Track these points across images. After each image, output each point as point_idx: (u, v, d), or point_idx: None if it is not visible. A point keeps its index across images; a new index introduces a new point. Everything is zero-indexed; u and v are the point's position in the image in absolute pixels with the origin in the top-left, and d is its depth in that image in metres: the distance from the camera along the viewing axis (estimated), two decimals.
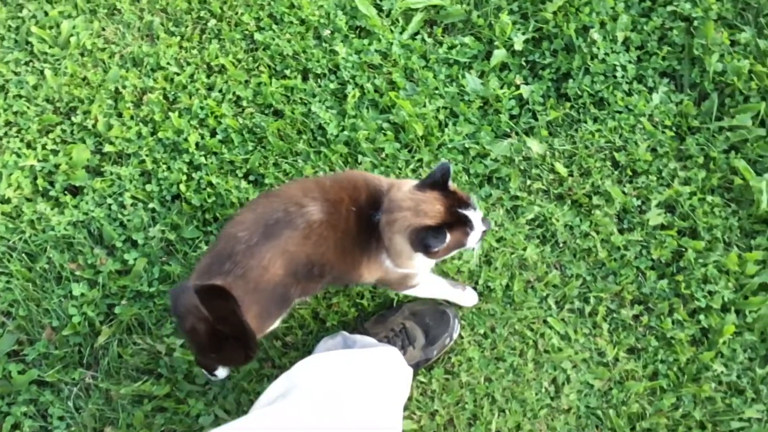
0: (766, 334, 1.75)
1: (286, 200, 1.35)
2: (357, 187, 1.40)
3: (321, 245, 1.34)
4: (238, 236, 1.32)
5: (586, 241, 1.80)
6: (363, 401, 1.30)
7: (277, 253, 1.31)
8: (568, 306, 1.76)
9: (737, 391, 1.73)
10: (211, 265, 1.33)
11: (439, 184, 1.36)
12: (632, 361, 1.73)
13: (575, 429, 1.68)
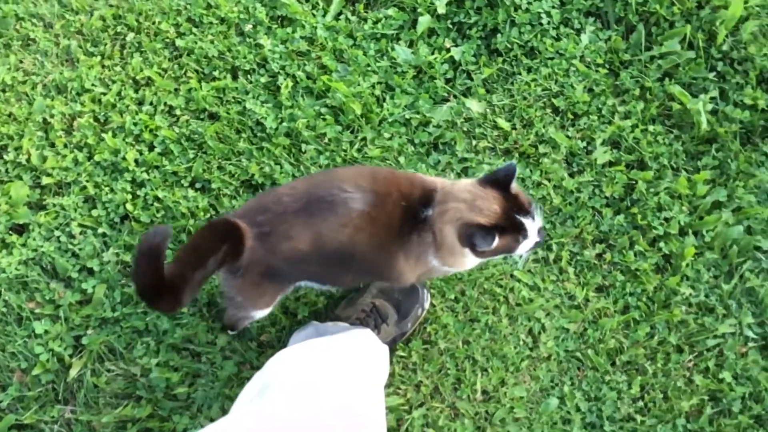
0: (726, 250, 1.78)
1: (337, 183, 1.31)
2: (413, 183, 1.36)
3: (356, 235, 1.30)
4: (283, 199, 1.31)
5: (539, 191, 1.81)
6: (338, 387, 1.29)
7: (308, 229, 1.28)
8: (532, 257, 1.77)
9: (707, 310, 1.76)
10: (250, 210, 1.33)
11: (501, 184, 1.29)
12: (602, 299, 1.75)
13: (558, 374, 1.69)
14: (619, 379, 1.69)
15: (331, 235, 1.30)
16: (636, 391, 1.67)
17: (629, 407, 1.67)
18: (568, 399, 1.66)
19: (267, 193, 1.38)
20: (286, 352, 1.44)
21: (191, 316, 1.65)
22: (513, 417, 1.65)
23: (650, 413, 1.67)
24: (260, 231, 1.29)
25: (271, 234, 1.29)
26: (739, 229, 1.79)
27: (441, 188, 1.34)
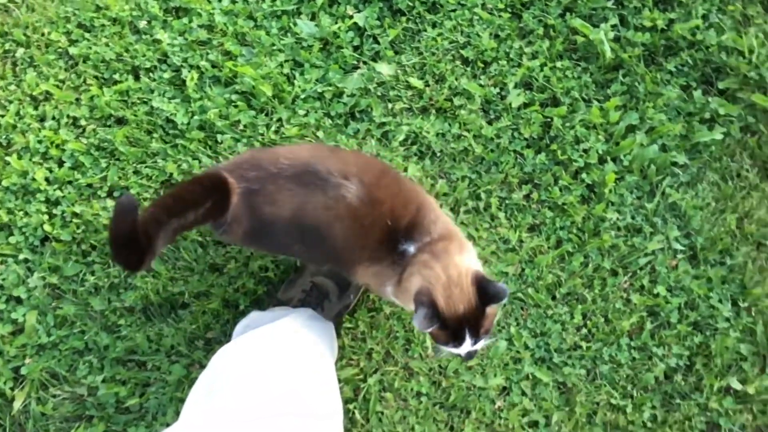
0: (645, 170, 1.67)
1: (340, 166, 1.15)
2: (408, 205, 1.16)
3: (335, 222, 1.14)
4: (280, 161, 1.16)
5: (460, 143, 1.66)
6: (284, 374, 1.16)
7: (294, 198, 1.13)
8: (463, 209, 1.64)
9: (635, 231, 1.65)
10: (243, 163, 1.18)
11: (485, 295, 1.08)
12: (535, 238, 1.63)
13: (503, 318, 1.58)
14: (561, 311, 1.59)
15: (314, 212, 1.14)
16: (579, 320, 1.57)
17: (574, 336, 1.57)
18: (515, 339, 1.56)
19: (263, 150, 1.22)
20: (228, 347, 1.29)
21: (129, 327, 1.46)
22: (465, 366, 1.55)
23: (594, 338, 1.57)
24: (248, 187, 1.14)
25: (258, 193, 1.14)
26: (654, 149, 1.68)
27: (437, 232, 1.15)
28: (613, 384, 1.53)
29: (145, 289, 1.47)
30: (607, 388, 1.52)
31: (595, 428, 1.50)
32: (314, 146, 1.24)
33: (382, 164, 1.23)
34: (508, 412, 1.49)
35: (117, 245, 1.03)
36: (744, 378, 1.55)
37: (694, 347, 1.56)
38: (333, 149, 1.24)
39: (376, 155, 1.61)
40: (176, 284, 1.49)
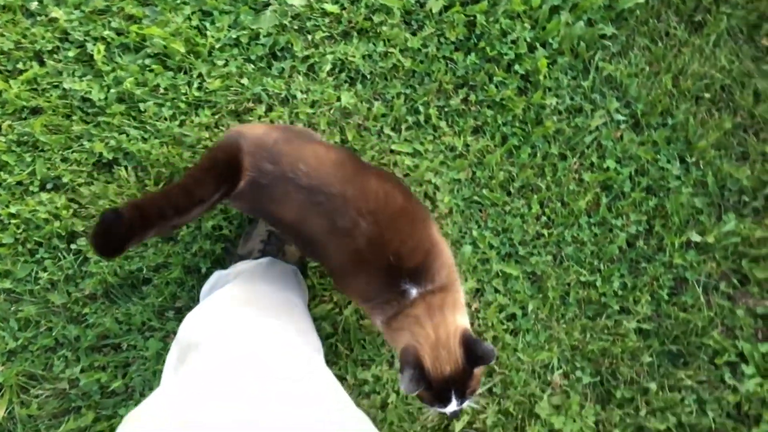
0: (575, 49, 1.52)
1: (355, 195, 0.98)
2: (414, 251, 1.00)
3: (335, 243, 0.99)
4: (299, 166, 0.97)
5: (388, 60, 1.50)
6: (255, 327, 1.06)
7: (299, 208, 0.98)
8: (404, 126, 1.50)
9: (576, 111, 1.52)
10: (265, 148, 0.99)
11: (471, 356, 0.97)
12: (480, 139, 1.51)
13: (463, 223, 1.48)
14: (519, 204, 1.48)
15: (316, 228, 0.99)
16: (536, 210, 1.48)
17: (535, 226, 1.48)
18: (479, 242, 1.46)
19: (291, 141, 1.00)
20: (193, 313, 1.18)
21: (95, 314, 1.33)
22: None
23: (555, 223, 1.48)
24: (257, 179, 0.98)
25: (266, 188, 0.98)
26: (580, 26, 1.53)
27: (439, 282, 1.01)
28: (580, 263, 1.46)
29: (102, 273, 1.34)
30: (574, 267, 1.45)
31: (570, 308, 1.43)
32: (343, 160, 1.01)
33: (403, 198, 1.03)
34: (485, 311, 1.42)
35: (99, 233, 0.88)
36: (702, 229, 1.48)
37: (650, 211, 1.48)
38: (359, 170, 1.02)
39: (400, 179, 1.42)
40: (132, 262, 1.35)
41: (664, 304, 1.43)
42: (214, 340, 0.97)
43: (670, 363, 1.41)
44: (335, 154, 1.02)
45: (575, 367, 1.40)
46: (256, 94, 1.46)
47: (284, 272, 1.25)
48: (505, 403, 1.37)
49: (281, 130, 1.06)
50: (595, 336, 1.41)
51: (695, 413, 1.38)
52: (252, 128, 1.05)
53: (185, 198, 0.93)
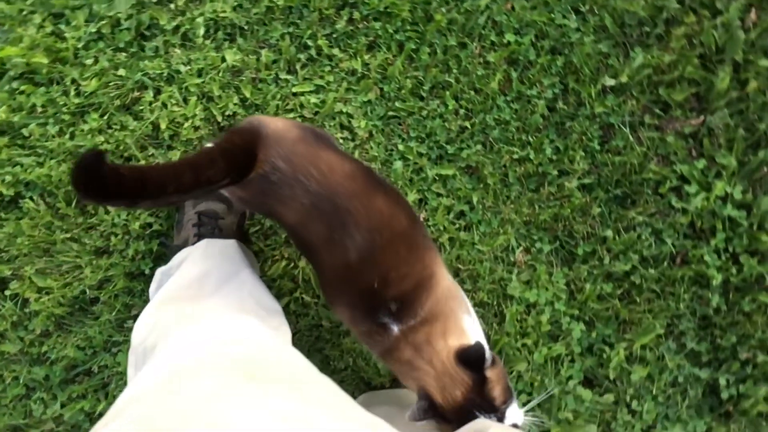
0: None
1: (359, 210, 0.95)
2: (403, 279, 0.97)
3: (327, 255, 0.98)
4: (311, 171, 0.94)
5: (260, 4, 1.41)
6: (202, 310, 1.05)
7: (301, 213, 0.96)
8: (298, 66, 1.44)
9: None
10: (283, 144, 0.96)
11: (474, 366, 0.94)
12: (378, 54, 1.46)
13: (387, 141, 1.45)
14: (434, 105, 1.47)
15: (313, 235, 0.98)
16: (453, 105, 1.46)
17: (456, 121, 1.47)
18: (407, 153, 1.45)
19: (308, 142, 0.97)
20: (141, 317, 1.16)
21: (54, 348, 1.30)
22: None
23: (474, 112, 1.47)
24: (267, 176, 0.95)
25: (273, 185, 0.95)
26: None
27: (422, 314, 0.97)
28: (509, 142, 1.47)
29: (47, 308, 1.31)
30: (505, 148, 1.46)
31: (512, 187, 1.46)
32: (355, 173, 0.98)
33: (408, 223, 1.00)
34: (433, 218, 1.44)
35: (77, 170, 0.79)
36: (614, 72, 1.50)
37: (560, 71, 1.49)
38: (370, 186, 0.98)
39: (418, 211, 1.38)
40: (73, 287, 1.32)
41: (597, 154, 1.47)
42: (166, 344, 0.95)
43: (618, 207, 1.46)
44: (349, 166, 0.99)
45: (533, 240, 1.44)
46: (138, 81, 1.40)
47: (224, 249, 1.23)
48: (478, 296, 1.41)
49: (302, 128, 1.02)
50: (543, 205, 1.45)
51: (654, 245, 1.44)
52: (273, 120, 1.01)
53: (192, 175, 0.88)
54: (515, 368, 1.36)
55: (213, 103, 1.41)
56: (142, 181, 0.84)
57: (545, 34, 1.50)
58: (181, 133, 1.39)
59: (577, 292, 1.42)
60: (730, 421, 1.41)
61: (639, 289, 1.44)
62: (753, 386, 1.42)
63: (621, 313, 1.41)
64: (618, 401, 1.38)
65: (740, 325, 1.43)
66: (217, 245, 1.24)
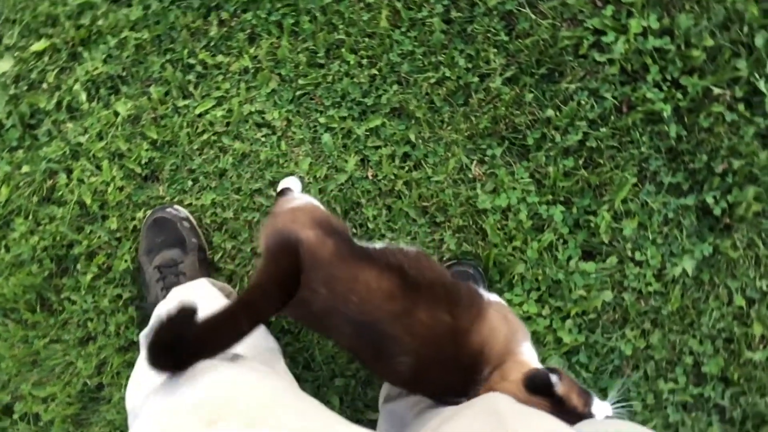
0: None
1: (403, 342, 0.94)
2: (455, 372, 0.98)
3: (387, 375, 0.99)
4: (350, 297, 0.93)
5: (128, 46, 1.41)
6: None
7: (348, 341, 0.96)
8: (190, 88, 1.42)
9: None
10: (327, 270, 0.95)
11: (542, 389, 0.94)
12: (261, 43, 1.42)
13: (306, 120, 1.45)
14: (336, 67, 1.44)
15: (363, 355, 0.99)
16: (353, 59, 1.42)
17: (364, 73, 1.43)
18: (330, 123, 1.44)
19: (346, 258, 0.95)
20: (128, 387, 1.14)
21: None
22: (317, 189, 1.50)
23: (376, 57, 1.43)
24: (310, 301, 0.94)
25: (316, 315, 0.95)
26: None
27: (486, 371, 0.98)
28: (421, 70, 1.47)
29: (59, 413, 1.33)
30: (420, 77, 1.47)
31: (443, 110, 1.47)
32: (393, 292, 0.95)
33: (452, 317, 0.97)
34: (380, 170, 1.46)
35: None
36: None
37: None
38: (409, 300, 0.95)
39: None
40: (73, 384, 1.34)
41: (509, 45, 1.48)
42: (145, 408, 0.94)
43: (548, 84, 1.49)
44: (387, 283, 0.95)
45: (482, 150, 1.47)
46: (45, 170, 1.40)
47: (192, 292, 1.24)
48: (454, 222, 1.44)
49: (331, 234, 0.98)
50: (478, 114, 1.48)
51: (595, 105, 1.47)
52: (304, 231, 0.97)
53: (249, 319, 0.84)
54: (515, 272, 1.41)
55: (126, 158, 1.41)
56: (202, 342, 0.80)
57: None
58: (108, 200, 1.40)
59: (543, 179, 1.46)
60: (732, 231, 1.46)
61: (598, 151, 1.47)
62: (739, 192, 1.47)
63: (591, 180, 1.45)
64: (621, 259, 1.43)
65: (705, 142, 1.48)
66: (186, 290, 1.25)
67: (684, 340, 1.41)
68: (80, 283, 1.37)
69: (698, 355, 1.41)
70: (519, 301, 1.39)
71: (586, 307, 1.40)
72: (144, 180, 1.41)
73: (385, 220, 1.43)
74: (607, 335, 1.41)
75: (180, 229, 1.33)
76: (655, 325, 1.42)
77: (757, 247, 1.44)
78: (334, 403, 1.38)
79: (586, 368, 1.39)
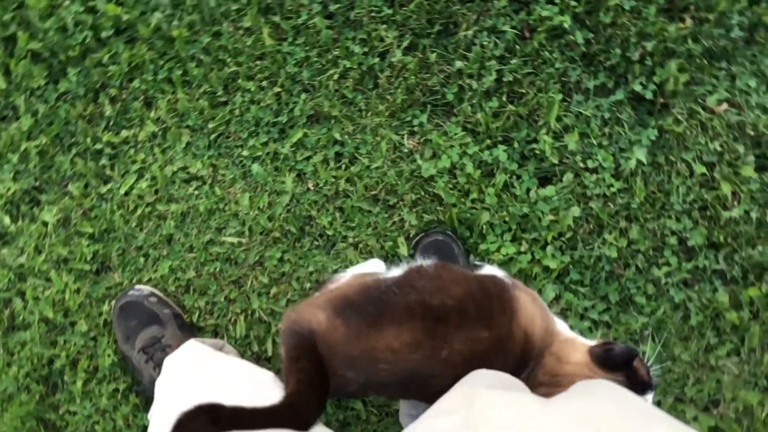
0: None
1: (445, 375, 0.93)
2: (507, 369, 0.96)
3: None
4: (379, 366, 0.93)
5: (32, 159, 1.48)
6: None
7: (396, 393, 0.99)
8: (107, 172, 1.45)
9: None
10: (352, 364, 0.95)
11: (622, 366, 0.95)
12: (158, 103, 1.46)
13: (231, 160, 1.47)
14: (239, 98, 1.47)
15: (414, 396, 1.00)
16: (253, 85, 1.45)
17: (268, 95, 1.45)
18: (254, 153, 1.45)
19: (361, 332, 0.94)
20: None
21: None
22: (266, 218, 1.54)
23: (274, 76, 1.47)
24: (344, 387, 0.95)
25: (355, 394, 1.00)
26: None
27: (542, 368, 0.99)
28: (321, 70, 1.47)
29: None
30: (323, 77, 1.48)
31: (357, 99, 1.48)
32: (417, 339, 0.94)
33: (488, 330, 0.97)
34: (318, 179, 1.49)
35: None
36: None
37: None
38: (437, 338, 0.94)
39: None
40: None
41: (395, 16, 1.50)
42: None
43: (447, 39, 1.51)
44: (408, 335, 0.93)
45: (408, 122, 1.49)
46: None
47: (184, 359, 1.25)
48: (407, 198, 1.48)
49: (342, 311, 0.97)
50: (391, 90, 1.50)
51: (497, 41, 1.51)
52: (315, 313, 0.97)
53: (297, 422, 0.86)
54: (481, 223, 1.44)
55: (71, 261, 1.42)
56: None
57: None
58: (70, 307, 1.40)
59: (476, 127, 1.50)
60: (670, 108, 1.52)
61: (517, 82, 1.52)
62: (662, 69, 1.52)
63: (520, 112, 1.50)
64: (576, 173, 1.48)
65: (613, 36, 1.53)
66: (178, 356, 1.26)
67: (662, 224, 1.46)
68: (74, 393, 1.37)
69: (680, 232, 1.46)
70: (496, 248, 1.43)
71: (559, 228, 1.44)
72: (96, 274, 1.42)
73: (342, 222, 1.46)
74: (588, 247, 1.46)
75: (149, 307, 1.34)
76: (630, 220, 1.47)
77: (698, 114, 1.50)
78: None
79: (581, 284, 1.44)
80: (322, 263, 1.43)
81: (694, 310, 1.43)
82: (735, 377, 1.42)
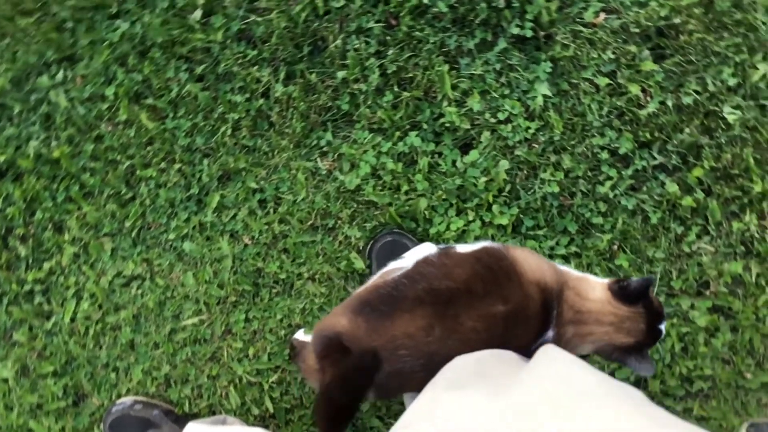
0: None
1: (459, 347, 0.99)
2: (530, 331, 1.03)
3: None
4: (401, 353, 1.00)
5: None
6: None
7: (422, 382, 0.98)
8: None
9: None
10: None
11: (640, 297, 1.04)
12: (63, 235, 1.51)
13: (167, 250, 1.54)
14: (144, 190, 1.50)
15: None
16: (152, 172, 1.48)
17: (170, 174, 1.48)
18: (180, 231, 1.48)
19: (377, 326, 1.01)
20: None
21: None
22: (216, 286, 1.53)
23: (168, 154, 1.49)
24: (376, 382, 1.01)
25: (383, 386, 1.02)
26: None
27: (562, 295, 1.05)
28: (212, 131, 1.51)
29: None
30: (217, 137, 1.49)
31: (258, 145, 1.49)
32: (430, 322, 1.00)
33: (503, 302, 1.02)
34: (251, 231, 1.51)
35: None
36: None
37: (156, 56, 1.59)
38: (450, 318, 1.01)
39: None
40: None
41: (263, 53, 1.56)
42: None
43: (320, 56, 1.57)
44: (420, 320, 1.00)
45: (316, 145, 1.53)
46: None
47: None
48: (344, 216, 1.51)
49: (361, 310, 1.04)
50: (287, 124, 1.54)
51: (368, 40, 1.56)
52: (338, 318, 1.04)
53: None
54: (422, 210, 1.46)
55: (44, 405, 1.40)
56: None
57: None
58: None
59: (381, 124, 1.54)
60: (554, 37, 1.57)
61: (402, 69, 1.55)
62: (531, 5, 1.58)
63: (416, 95, 1.52)
64: (492, 128, 1.51)
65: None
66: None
67: (589, 145, 1.52)
68: None
69: (608, 145, 1.51)
70: (445, 227, 1.46)
71: (497, 186, 1.48)
72: (75, 406, 1.42)
73: (291, 262, 1.48)
74: (530, 191, 1.50)
75: (136, 415, 1.34)
76: (558, 152, 1.52)
77: (581, 32, 1.57)
78: None
79: (537, 227, 1.47)
80: (288, 307, 1.45)
81: (651, 209, 1.48)
82: (713, 255, 1.46)
